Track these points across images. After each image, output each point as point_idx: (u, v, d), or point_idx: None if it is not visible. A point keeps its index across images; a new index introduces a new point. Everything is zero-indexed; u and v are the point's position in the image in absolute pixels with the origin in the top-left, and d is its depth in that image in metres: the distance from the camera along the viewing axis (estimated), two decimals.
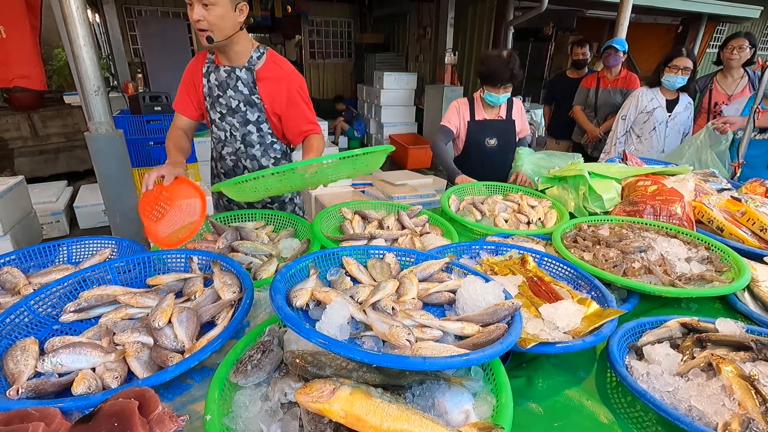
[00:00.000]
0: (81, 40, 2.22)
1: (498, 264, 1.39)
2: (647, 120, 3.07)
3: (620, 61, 3.85)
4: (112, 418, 0.70)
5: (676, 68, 2.88)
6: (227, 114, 1.79)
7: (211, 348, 0.92)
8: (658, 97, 3.04)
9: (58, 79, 5.85)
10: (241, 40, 1.66)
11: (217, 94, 1.75)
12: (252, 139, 1.83)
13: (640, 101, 3.09)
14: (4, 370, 0.89)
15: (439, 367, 0.75)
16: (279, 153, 1.91)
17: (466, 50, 7.63)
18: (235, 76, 1.70)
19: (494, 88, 2.37)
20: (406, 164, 6.89)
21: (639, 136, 3.15)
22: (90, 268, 1.21)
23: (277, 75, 1.72)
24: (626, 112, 3.17)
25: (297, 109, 1.77)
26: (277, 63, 1.74)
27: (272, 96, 1.74)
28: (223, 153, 1.91)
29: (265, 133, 1.83)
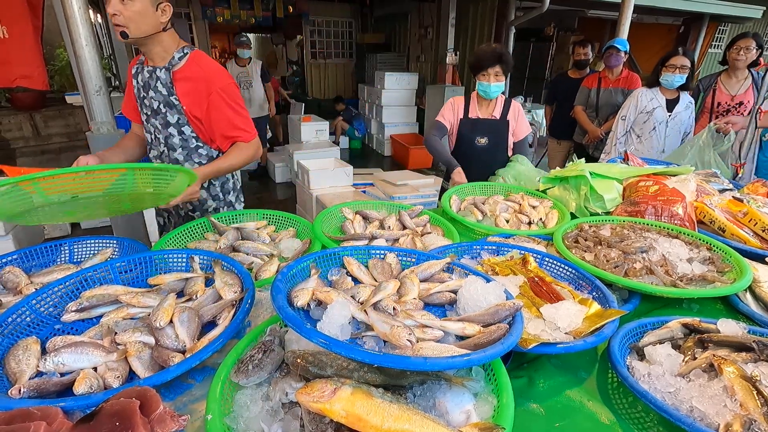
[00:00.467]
0: (83, 40, 2.22)
1: (499, 264, 1.39)
2: (647, 120, 3.07)
3: (621, 61, 3.85)
4: (114, 418, 0.70)
5: (674, 67, 2.89)
6: (151, 116, 1.72)
7: (213, 348, 0.92)
8: (658, 97, 3.04)
9: (60, 79, 5.86)
10: (165, 41, 1.61)
11: (143, 95, 1.70)
12: (174, 143, 1.73)
13: (639, 101, 3.09)
14: (6, 369, 0.90)
15: (440, 367, 0.75)
16: (206, 158, 1.78)
17: (468, 50, 7.63)
18: (155, 77, 1.64)
19: (485, 75, 2.37)
20: (407, 164, 6.90)
21: (639, 136, 3.15)
22: (91, 268, 1.21)
23: (197, 75, 1.63)
24: (626, 112, 3.17)
25: (219, 113, 1.66)
26: (199, 63, 1.65)
27: (190, 97, 1.65)
28: (151, 156, 1.84)
29: (188, 136, 1.72)
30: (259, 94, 5.71)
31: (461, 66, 7.49)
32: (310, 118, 6.21)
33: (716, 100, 3.26)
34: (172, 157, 1.76)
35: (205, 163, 1.77)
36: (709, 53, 9.12)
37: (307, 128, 6.05)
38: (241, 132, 1.71)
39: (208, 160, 1.78)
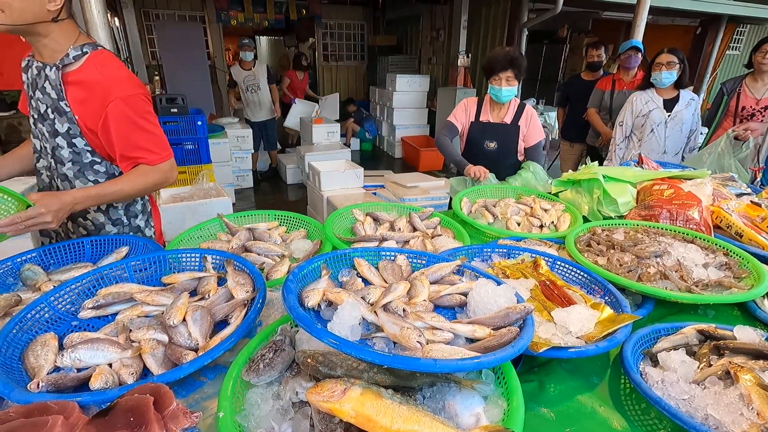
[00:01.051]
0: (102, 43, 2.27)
1: (510, 267, 1.39)
2: (644, 123, 3.04)
3: (638, 62, 3.81)
4: (128, 413, 0.71)
5: (660, 65, 2.89)
6: (38, 120, 1.44)
7: (224, 346, 0.93)
8: (654, 98, 3.01)
9: None
10: (54, 34, 1.33)
11: (30, 94, 1.44)
12: (62, 155, 1.44)
13: (634, 106, 3.08)
14: (25, 364, 0.92)
15: (449, 369, 0.75)
16: (104, 176, 1.49)
17: (480, 52, 7.60)
18: (44, 75, 1.37)
19: (496, 79, 2.36)
20: (417, 166, 6.90)
21: (640, 139, 3.12)
22: (108, 266, 1.24)
23: (93, 80, 1.35)
24: (622, 118, 3.16)
25: (118, 127, 1.38)
26: (99, 66, 1.37)
27: (85, 106, 1.38)
28: (38, 166, 1.54)
29: (80, 149, 1.43)
30: (267, 97, 5.72)
31: (473, 68, 7.47)
32: (321, 120, 6.25)
33: (741, 104, 3.20)
34: (60, 171, 1.47)
35: (102, 181, 1.48)
36: (727, 55, 8.95)
37: (318, 130, 6.09)
38: (144, 153, 1.44)
39: (106, 178, 1.49)
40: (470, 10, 6.82)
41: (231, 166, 5.50)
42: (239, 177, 5.88)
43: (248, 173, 6.01)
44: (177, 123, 3.90)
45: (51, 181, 1.53)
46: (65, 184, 1.50)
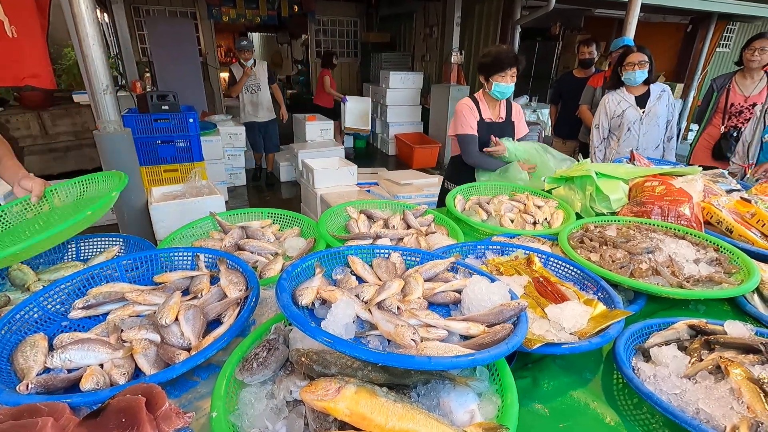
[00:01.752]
0: (90, 40, 2.24)
1: (504, 264, 1.39)
2: (620, 123, 3.07)
3: None
4: (120, 414, 0.70)
5: (632, 64, 2.90)
6: None
7: (217, 346, 0.93)
8: (626, 97, 3.04)
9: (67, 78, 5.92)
10: None
11: None
12: None
13: (608, 107, 3.11)
14: (14, 365, 0.91)
15: (444, 366, 0.75)
16: None
17: (473, 49, 7.61)
18: None
19: (503, 76, 2.34)
20: (411, 164, 6.90)
21: (618, 139, 3.14)
22: (98, 266, 1.22)
23: None
24: (598, 121, 3.19)
25: None
26: None
27: None
28: None
29: None
30: (267, 98, 5.47)
31: (466, 65, 7.47)
32: (315, 118, 6.22)
33: (730, 101, 3.23)
34: None
35: None
36: (717, 52, 9.03)
37: (311, 127, 6.06)
38: None
39: None
40: (463, 7, 6.81)
41: (224, 163, 5.46)
42: (232, 175, 5.84)
43: (241, 171, 5.97)
44: (168, 120, 3.85)
45: None
46: None
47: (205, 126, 5.29)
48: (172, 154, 3.94)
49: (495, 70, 2.35)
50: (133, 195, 2.65)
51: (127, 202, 2.65)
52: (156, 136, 3.84)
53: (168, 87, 6.22)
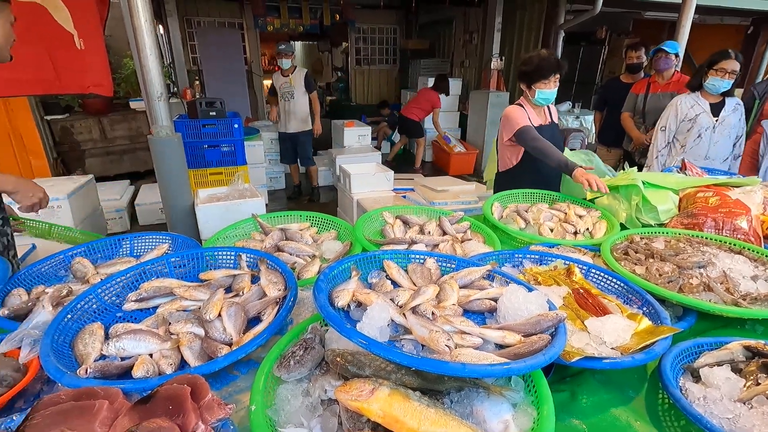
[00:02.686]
0: (148, 50, 2.40)
1: (542, 274, 1.36)
2: (691, 128, 2.87)
3: (672, 64, 3.64)
4: (167, 402, 0.75)
5: (723, 71, 2.66)
6: None
7: (257, 342, 0.96)
8: (701, 102, 2.84)
9: (125, 86, 6.33)
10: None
11: None
12: None
13: (679, 109, 2.90)
14: (74, 351, 0.98)
15: (478, 374, 0.74)
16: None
17: (513, 55, 7.48)
18: None
19: (546, 82, 2.27)
20: (448, 170, 6.85)
21: (683, 145, 2.95)
22: (150, 262, 1.30)
23: None
24: (665, 122, 2.97)
25: None
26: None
27: None
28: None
29: None
30: (301, 107, 5.03)
31: (506, 71, 7.35)
32: (353, 124, 6.31)
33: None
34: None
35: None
36: None
37: (349, 133, 6.16)
38: None
39: None
40: (504, 13, 6.72)
41: (265, 167, 5.65)
42: (272, 179, 6.03)
43: (281, 175, 6.14)
44: (215, 126, 4.03)
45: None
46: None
47: (249, 131, 5.49)
48: (217, 158, 4.12)
49: (538, 77, 2.28)
50: (181, 196, 2.80)
51: (175, 203, 2.80)
52: (203, 141, 4.03)
53: (215, 94, 6.51)
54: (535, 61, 2.29)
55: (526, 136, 2.29)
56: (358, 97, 10.62)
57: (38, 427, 0.69)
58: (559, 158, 2.17)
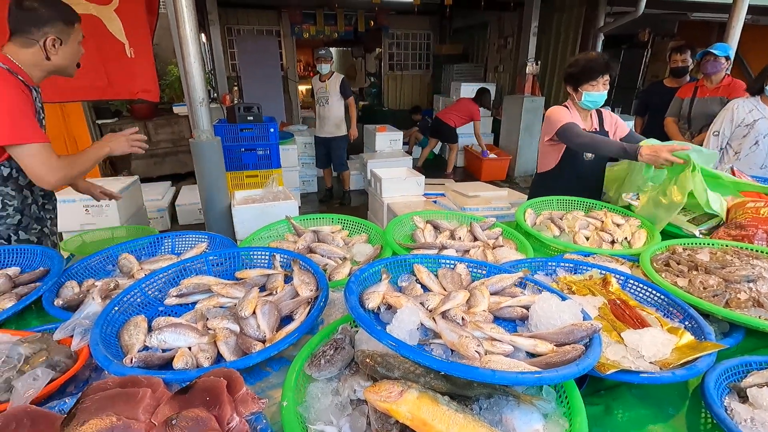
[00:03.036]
0: (192, 58, 2.51)
1: (576, 283, 1.32)
2: (747, 134, 2.70)
3: (721, 68, 3.44)
4: (205, 393, 0.78)
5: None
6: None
7: (289, 340, 0.99)
8: (759, 107, 2.66)
9: (169, 92, 6.66)
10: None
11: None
12: None
13: (736, 114, 2.73)
14: (120, 341, 1.04)
15: (508, 381, 0.74)
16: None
17: (549, 59, 7.33)
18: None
19: (594, 84, 2.17)
20: (480, 176, 6.77)
21: (737, 152, 2.78)
22: (190, 259, 1.36)
23: None
24: (719, 127, 2.80)
25: None
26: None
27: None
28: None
29: None
30: (335, 112, 5.10)
31: (542, 76, 7.21)
32: (385, 128, 6.36)
33: None
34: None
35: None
36: None
37: (381, 138, 6.20)
38: None
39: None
40: (541, 16, 6.60)
41: (298, 171, 5.77)
42: (305, 182, 6.15)
43: (313, 178, 6.26)
44: (252, 130, 4.17)
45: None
46: None
47: (283, 135, 5.64)
48: (253, 161, 4.26)
49: (585, 78, 2.19)
50: (219, 197, 2.90)
51: (213, 204, 2.91)
52: (240, 144, 4.18)
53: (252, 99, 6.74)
54: (581, 62, 2.21)
55: (569, 132, 2.18)
56: (390, 102, 10.69)
57: (88, 410, 0.74)
58: (614, 146, 2.01)
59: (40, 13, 1.50)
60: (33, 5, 1.49)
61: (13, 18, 1.51)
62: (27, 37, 1.52)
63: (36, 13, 1.50)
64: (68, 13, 1.58)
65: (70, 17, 1.59)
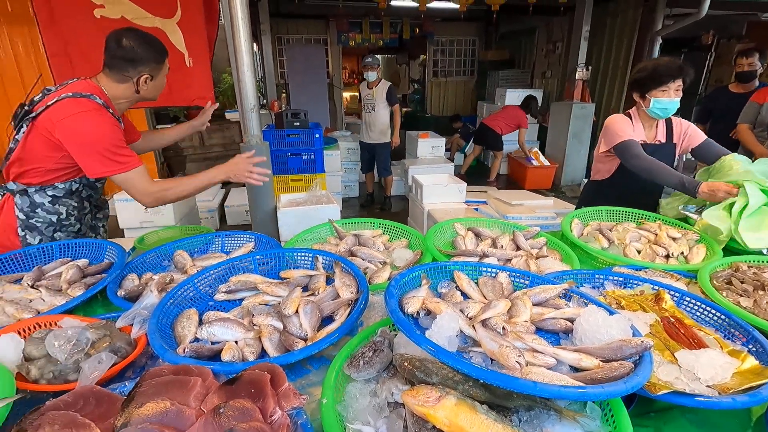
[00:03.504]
0: (245, 67, 2.64)
1: (626, 298, 1.26)
2: None
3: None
4: (250, 385, 0.82)
5: None
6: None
7: (330, 340, 1.02)
8: None
9: (222, 99, 7.02)
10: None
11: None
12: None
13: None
14: (174, 331, 1.11)
15: (550, 394, 0.72)
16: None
17: (602, 65, 7.04)
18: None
19: (664, 90, 2.02)
20: (524, 184, 6.61)
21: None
22: (238, 258, 1.43)
23: None
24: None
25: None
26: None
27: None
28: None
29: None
30: (381, 119, 5.21)
31: (593, 82, 6.94)
32: (427, 135, 6.36)
33: None
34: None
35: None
36: None
37: (423, 144, 6.21)
38: None
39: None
40: (593, 21, 6.37)
41: (340, 176, 5.89)
42: (347, 186, 6.27)
43: (355, 183, 6.37)
44: (298, 135, 4.32)
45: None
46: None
47: (327, 141, 5.78)
48: (298, 165, 4.40)
49: (654, 84, 2.04)
50: (265, 200, 3.02)
51: (260, 206, 3.03)
52: (287, 149, 4.33)
53: (299, 106, 6.97)
54: (650, 66, 2.07)
55: (627, 152, 2.07)
56: (433, 109, 10.68)
57: (146, 394, 0.80)
58: (672, 178, 1.91)
59: (136, 54, 1.61)
60: (131, 45, 1.60)
61: (110, 55, 1.62)
62: (122, 74, 1.64)
63: (133, 54, 1.61)
64: (160, 52, 1.69)
65: (161, 56, 1.70)
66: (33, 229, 1.72)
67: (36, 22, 2.83)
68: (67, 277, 1.40)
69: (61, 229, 1.78)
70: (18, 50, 4.79)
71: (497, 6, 5.77)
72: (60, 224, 1.77)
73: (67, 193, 1.73)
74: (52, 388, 0.93)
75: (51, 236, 1.76)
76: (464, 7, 5.89)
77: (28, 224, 1.71)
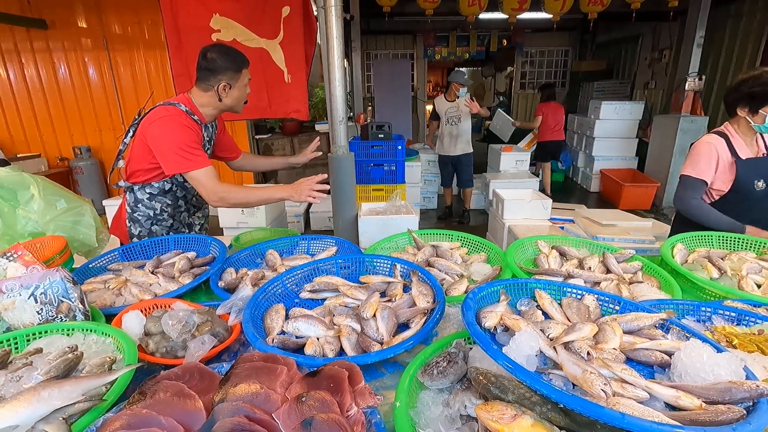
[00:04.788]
0: (337, 82, 2.81)
1: (740, 336, 1.11)
2: None
3: None
4: (329, 380, 0.87)
5: None
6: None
7: (405, 346, 1.04)
8: None
9: (314, 112, 7.51)
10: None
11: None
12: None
13: None
14: (264, 323, 1.22)
15: (640, 429, 0.66)
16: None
17: (718, 74, 6.27)
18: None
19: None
20: (618, 203, 6.09)
21: None
22: (322, 260, 1.52)
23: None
24: None
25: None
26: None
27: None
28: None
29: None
30: (465, 131, 5.30)
31: (707, 93, 6.21)
32: (511, 148, 6.17)
33: None
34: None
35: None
36: None
37: (506, 158, 6.03)
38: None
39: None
40: (709, 25, 5.72)
41: (420, 187, 5.95)
42: (425, 198, 6.30)
43: (434, 195, 6.38)
44: (382, 147, 4.46)
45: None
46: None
47: (409, 153, 5.89)
48: (380, 175, 4.54)
49: (763, 101, 1.86)
50: (348, 207, 3.16)
51: (342, 213, 3.18)
52: (370, 160, 4.49)
53: (383, 118, 7.19)
54: (765, 78, 1.86)
55: (685, 191, 2.05)
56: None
57: (240, 375, 0.89)
58: (722, 224, 1.92)
59: (216, 64, 1.83)
60: (212, 56, 1.83)
61: (198, 67, 1.87)
62: (206, 84, 1.87)
63: (213, 64, 1.83)
64: (238, 62, 1.88)
65: (239, 65, 1.88)
66: (135, 221, 2.02)
67: (166, 47, 3.31)
68: (179, 266, 1.60)
69: (157, 223, 2.05)
70: (150, 70, 5.73)
71: (594, 14, 5.45)
72: (155, 219, 2.03)
73: (161, 191, 1.99)
74: (164, 361, 1.07)
75: (149, 228, 2.04)
76: (558, 16, 5.65)
77: (132, 217, 2.01)
